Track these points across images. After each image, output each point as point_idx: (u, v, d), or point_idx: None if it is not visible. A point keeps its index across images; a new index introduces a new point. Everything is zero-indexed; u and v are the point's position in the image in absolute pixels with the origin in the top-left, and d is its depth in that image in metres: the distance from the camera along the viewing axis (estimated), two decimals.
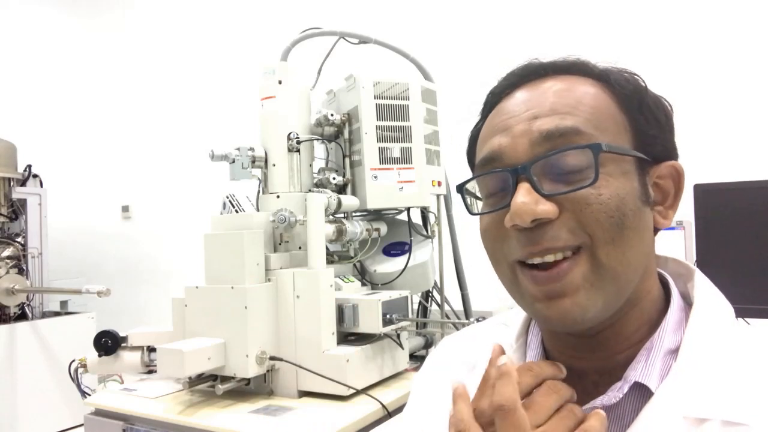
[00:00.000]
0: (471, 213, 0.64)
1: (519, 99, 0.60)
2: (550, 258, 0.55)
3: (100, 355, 1.85)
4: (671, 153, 0.61)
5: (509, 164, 0.57)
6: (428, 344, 2.15)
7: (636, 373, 0.56)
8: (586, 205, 0.54)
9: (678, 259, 0.66)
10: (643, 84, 0.61)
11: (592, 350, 0.60)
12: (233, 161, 1.84)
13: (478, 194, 0.64)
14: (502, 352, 0.59)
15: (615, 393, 0.56)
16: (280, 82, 1.91)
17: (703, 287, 0.62)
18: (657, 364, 0.56)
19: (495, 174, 0.59)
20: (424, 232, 2.15)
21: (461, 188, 0.64)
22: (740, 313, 0.61)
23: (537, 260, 0.56)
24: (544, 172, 0.56)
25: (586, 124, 0.56)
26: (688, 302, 0.62)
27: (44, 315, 3.64)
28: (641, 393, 0.56)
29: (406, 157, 1.97)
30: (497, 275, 0.62)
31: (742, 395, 0.52)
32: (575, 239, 0.54)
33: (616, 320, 0.58)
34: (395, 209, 2.13)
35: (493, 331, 0.73)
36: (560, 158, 0.55)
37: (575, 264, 0.55)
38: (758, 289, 1.59)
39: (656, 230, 0.61)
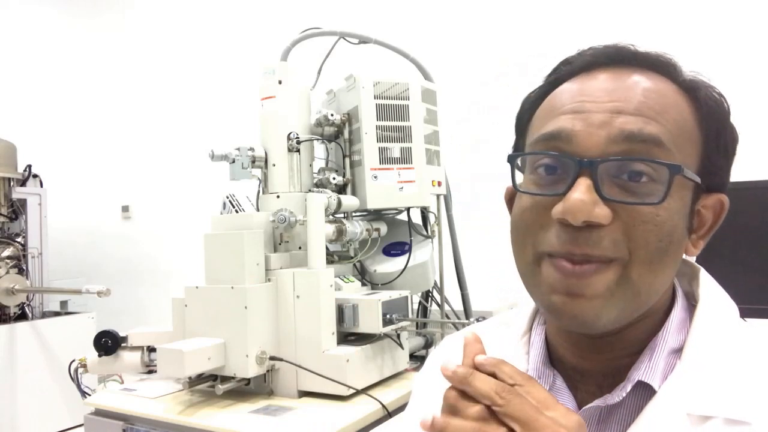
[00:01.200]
0: (517, 189, 0.58)
1: (603, 84, 0.55)
2: (585, 263, 0.53)
3: (100, 355, 1.85)
4: (725, 186, 0.58)
5: (577, 152, 0.53)
6: (428, 344, 2.15)
7: (639, 372, 0.56)
8: (641, 222, 0.52)
9: (683, 257, 0.65)
10: (727, 107, 0.57)
11: (598, 351, 0.59)
12: (233, 161, 1.84)
13: (523, 167, 0.60)
14: (479, 341, 0.57)
15: (618, 392, 0.56)
16: (280, 82, 1.91)
17: (708, 286, 0.61)
18: (660, 363, 0.56)
19: (556, 157, 0.55)
20: (424, 232, 2.15)
21: (514, 159, 0.59)
22: (741, 313, 0.61)
23: (569, 259, 0.53)
24: (609, 174, 0.53)
25: (668, 137, 0.53)
26: (692, 301, 0.62)
27: (44, 315, 3.64)
28: (644, 392, 0.56)
29: (406, 157, 1.97)
30: (515, 259, 0.59)
31: (745, 393, 0.52)
32: (615, 252, 0.52)
33: (623, 329, 0.57)
34: (395, 209, 2.13)
35: (495, 331, 0.73)
36: (632, 165, 0.52)
37: (603, 271, 0.52)
38: (758, 289, 1.59)
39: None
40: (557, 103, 0.57)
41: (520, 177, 0.60)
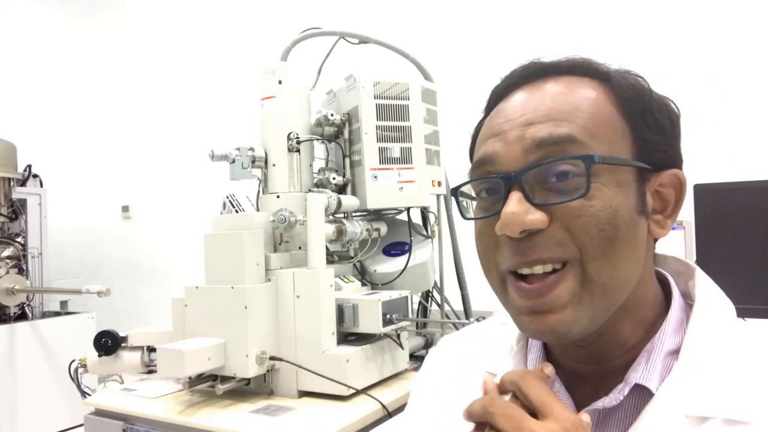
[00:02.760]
0: (464, 217, 0.63)
1: (516, 102, 0.59)
2: (539, 269, 0.54)
3: (100, 355, 1.85)
4: (674, 160, 0.59)
5: (502, 170, 0.56)
6: (428, 344, 2.15)
7: (637, 374, 0.56)
8: (576, 216, 0.53)
9: (678, 257, 0.65)
10: (647, 87, 0.59)
11: (589, 356, 0.60)
12: (233, 161, 1.84)
13: (473, 195, 0.63)
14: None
15: (616, 395, 0.55)
16: (280, 82, 1.91)
17: (704, 286, 0.61)
18: (658, 365, 0.56)
19: (488, 180, 0.58)
20: (424, 232, 2.15)
21: (456, 192, 0.64)
22: (740, 313, 0.61)
23: (526, 271, 0.55)
24: (536, 181, 0.55)
25: (582, 132, 0.54)
26: (688, 301, 0.61)
27: (44, 315, 3.64)
28: (642, 394, 0.55)
29: (406, 157, 1.97)
30: (488, 281, 0.61)
31: (743, 394, 0.52)
32: (564, 252, 0.53)
33: (605, 330, 0.57)
34: (395, 209, 2.13)
35: (493, 330, 0.73)
36: (553, 167, 0.54)
37: (562, 279, 0.54)
38: (758, 289, 1.59)
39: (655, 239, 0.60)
40: (484, 130, 0.61)
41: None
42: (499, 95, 0.63)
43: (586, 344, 0.58)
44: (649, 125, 0.57)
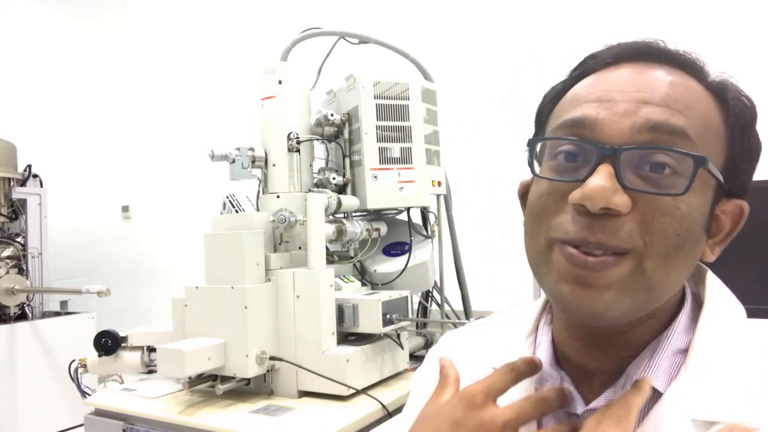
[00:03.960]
0: (534, 173, 0.57)
1: (628, 75, 0.55)
2: (599, 252, 0.51)
3: (100, 355, 1.85)
4: (745, 192, 0.57)
5: (600, 139, 0.52)
6: (428, 344, 2.15)
7: (638, 370, 0.55)
8: (661, 213, 0.50)
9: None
10: (755, 113, 0.57)
11: (604, 350, 0.58)
12: (233, 161, 1.84)
13: (540, 153, 0.59)
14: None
15: (620, 391, 0.55)
16: (280, 82, 1.91)
17: (715, 287, 0.60)
18: (663, 363, 0.55)
19: (578, 144, 0.53)
20: (424, 232, 2.15)
21: (534, 143, 0.58)
22: (747, 313, 0.60)
23: (584, 249, 0.52)
24: (631, 164, 0.51)
25: (694, 131, 0.52)
26: (697, 300, 0.61)
27: (44, 315, 3.64)
28: (650, 394, 0.54)
29: (406, 157, 1.97)
30: (526, 244, 0.58)
31: (752, 398, 0.51)
32: (630, 242, 0.50)
33: (631, 327, 0.56)
34: (395, 209, 2.13)
35: (494, 329, 0.73)
36: (656, 155, 0.51)
37: (618, 264, 0.51)
38: (759, 289, 1.59)
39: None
40: (582, 92, 0.56)
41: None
42: (600, 62, 0.58)
43: (606, 335, 0.57)
44: (743, 150, 0.56)
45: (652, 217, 0.50)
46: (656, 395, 0.54)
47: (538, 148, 0.58)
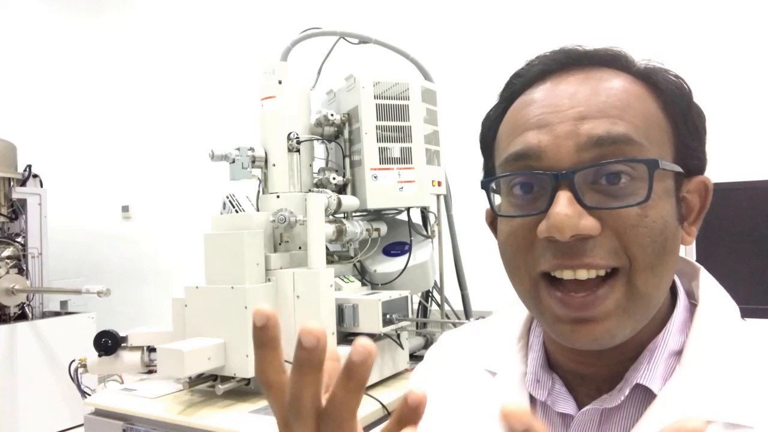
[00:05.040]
0: (496, 214, 0.57)
1: (562, 92, 0.54)
2: (583, 275, 0.50)
3: (100, 355, 1.85)
4: (703, 166, 0.57)
5: (549, 167, 0.51)
6: (428, 344, 2.15)
7: (638, 374, 0.55)
8: (631, 226, 0.50)
9: (682, 257, 0.63)
10: (688, 88, 0.56)
11: (598, 358, 0.57)
12: (233, 161, 1.84)
13: (499, 189, 0.58)
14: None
15: (617, 395, 0.55)
16: (280, 82, 1.91)
17: (708, 286, 0.60)
18: (660, 366, 0.55)
19: (533, 174, 0.53)
20: (424, 232, 2.15)
21: (488, 185, 0.58)
22: (741, 313, 0.60)
23: (567, 275, 0.51)
24: (587, 182, 0.51)
25: (638, 133, 0.51)
26: (692, 300, 0.61)
27: (44, 315, 3.64)
28: (644, 395, 0.55)
29: (406, 157, 1.97)
30: (513, 286, 0.58)
31: (746, 397, 0.51)
32: (615, 260, 0.50)
33: (629, 338, 0.56)
34: (395, 209, 2.13)
35: (493, 328, 0.73)
36: (609, 168, 0.50)
37: (611, 291, 0.51)
38: (758, 289, 1.60)
39: None
40: (519, 118, 0.55)
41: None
42: (529, 81, 0.57)
43: (605, 349, 0.56)
44: (689, 129, 0.55)
45: (624, 232, 0.50)
46: (651, 397, 0.54)
47: (493, 186, 0.58)
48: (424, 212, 2.18)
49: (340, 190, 1.95)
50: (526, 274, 0.54)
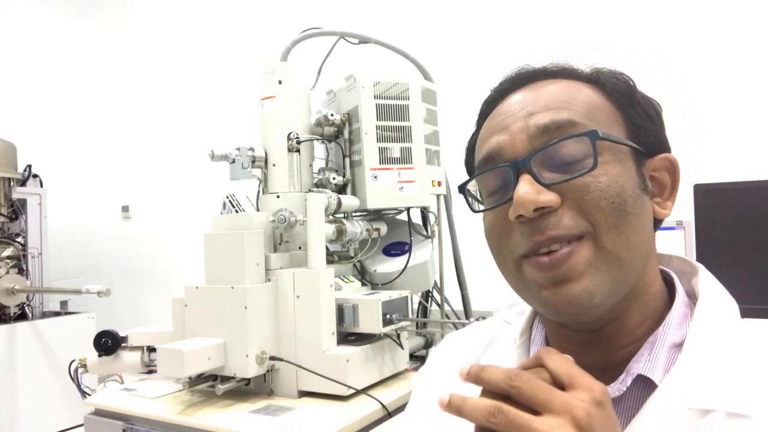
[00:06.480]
0: (474, 211, 0.65)
1: (514, 100, 0.62)
2: (555, 247, 0.56)
3: (100, 355, 1.85)
4: (664, 146, 0.63)
5: (509, 160, 0.59)
6: (428, 344, 2.15)
7: (639, 365, 0.56)
8: (586, 192, 0.55)
9: (682, 256, 0.67)
10: (632, 82, 0.63)
11: (596, 345, 0.60)
12: (233, 161, 1.84)
13: (480, 196, 0.65)
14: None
15: (618, 386, 0.56)
16: (280, 82, 1.91)
17: (708, 283, 0.62)
18: (661, 357, 0.56)
19: (496, 171, 0.60)
20: (424, 232, 2.15)
21: (463, 188, 0.66)
22: (741, 313, 0.61)
23: (543, 250, 0.56)
24: (543, 164, 0.57)
25: (581, 116, 0.58)
26: (692, 299, 0.62)
27: (44, 315, 3.64)
28: (645, 386, 0.56)
29: (406, 157, 1.97)
30: (502, 274, 0.63)
31: (746, 387, 0.52)
32: (578, 227, 0.55)
33: (619, 314, 0.58)
34: (395, 209, 2.13)
35: (496, 329, 0.73)
36: (558, 148, 0.57)
37: (577, 249, 0.55)
38: (758, 289, 1.60)
39: (658, 222, 0.62)
40: (485, 131, 0.64)
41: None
42: (493, 103, 0.66)
43: (597, 328, 0.59)
44: (638, 113, 0.61)
45: (582, 199, 0.55)
46: (652, 387, 0.55)
47: (476, 193, 0.66)
48: (424, 212, 2.18)
49: (340, 190, 1.95)
50: (510, 258, 0.60)
